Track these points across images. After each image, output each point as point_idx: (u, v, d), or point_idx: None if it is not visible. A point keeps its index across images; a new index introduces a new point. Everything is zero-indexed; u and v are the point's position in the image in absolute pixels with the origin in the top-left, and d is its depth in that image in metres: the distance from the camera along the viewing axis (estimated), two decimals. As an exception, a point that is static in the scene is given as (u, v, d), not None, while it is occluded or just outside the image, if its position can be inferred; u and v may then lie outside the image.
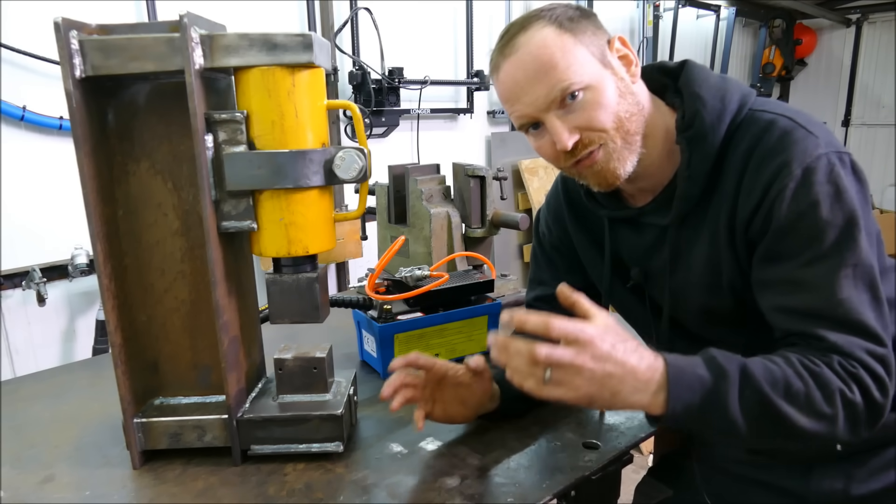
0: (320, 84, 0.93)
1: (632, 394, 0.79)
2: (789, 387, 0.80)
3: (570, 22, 0.90)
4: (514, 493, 0.91)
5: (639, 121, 0.94)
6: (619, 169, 0.94)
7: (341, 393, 1.06)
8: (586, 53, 0.90)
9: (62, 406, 1.23)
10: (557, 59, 0.88)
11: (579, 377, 0.77)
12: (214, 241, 0.92)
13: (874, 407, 0.82)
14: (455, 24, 3.91)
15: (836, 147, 0.86)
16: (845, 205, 0.84)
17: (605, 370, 0.77)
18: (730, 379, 0.80)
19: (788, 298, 0.87)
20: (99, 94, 0.92)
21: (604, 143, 0.92)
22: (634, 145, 0.94)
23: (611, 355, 0.78)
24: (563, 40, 0.89)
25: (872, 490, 0.97)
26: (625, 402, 0.80)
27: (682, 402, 0.79)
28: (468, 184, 1.72)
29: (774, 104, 0.94)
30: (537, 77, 0.90)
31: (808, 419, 0.80)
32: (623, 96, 0.92)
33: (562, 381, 0.78)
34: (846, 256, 0.84)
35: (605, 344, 0.78)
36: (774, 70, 6.51)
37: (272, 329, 1.19)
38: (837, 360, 0.82)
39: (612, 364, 0.78)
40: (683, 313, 1.04)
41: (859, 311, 0.83)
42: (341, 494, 0.92)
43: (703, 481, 1.13)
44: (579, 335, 0.78)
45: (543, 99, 0.90)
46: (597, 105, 0.90)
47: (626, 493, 1.17)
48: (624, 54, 0.94)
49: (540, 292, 1.26)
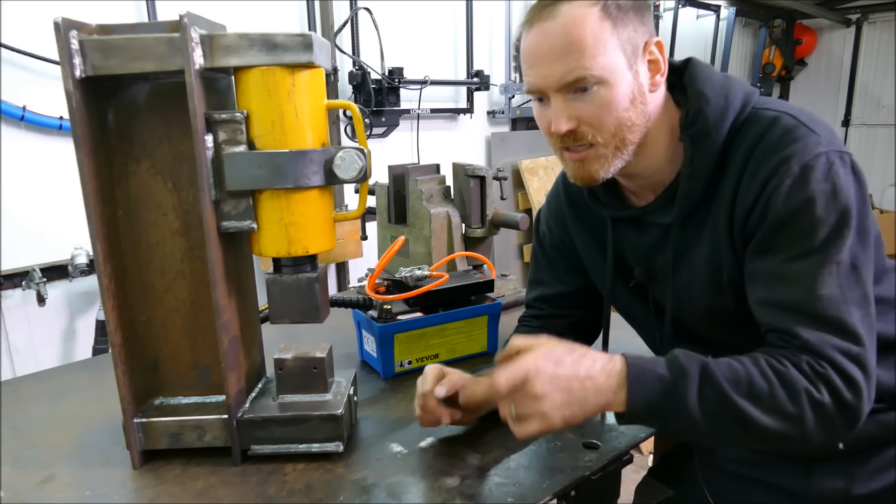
0: (320, 84, 0.93)
1: (596, 396, 0.83)
2: (752, 386, 0.81)
3: (618, 10, 0.88)
4: (514, 493, 0.91)
5: (639, 131, 0.93)
6: (600, 172, 0.95)
7: (341, 393, 1.06)
8: (617, 49, 0.88)
9: (62, 406, 1.23)
10: (588, 43, 0.87)
11: (541, 403, 0.81)
12: (214, 241, 0.92)
13: (846, 408, 0.81)
14: (455, 24, 3.91)
15: (837, 146, 0.86)
16: (840, 204, 0.84)
17: (561, 387, 0.81)
18: (689, 377, 0.83)
19: (771, 291, 0.87)
20: (99, 94, 0.92)
21: (595, 144, 0.92)
22: (625, 153, 0.94)
23: (561, 372, 0.82)
24: (602, 27, 0.87)
25: (873, 490, 0.97)
26: (596, 406, 0.84)
27: (642, 398, 0.83)
28: (468, 184, 1.72)
29: (778, 103, 0.94)
30: (561, 55, 0.88)
31: (772, 418, 0.81)
32: (633, 103, 0.91)
33: (530, 414, 0.82)
34: (833, 254, 0.84)
35: (549, 364, 0.82)
36: (774, 70, 6.51)
37: (272, 329, 1.19)
38: (806, 359, 0.82)
39: (566, 379, 0.82)
40: (687, 313, 1.03)
41: (839, 309, 0.83)
42: (341, 494, 0.92)
43: (704, 481, 1.13)
44: (517, 372, 0.82)
45: (557, 78, 0.89)
46: (604, 104, 0.89)
47: (626, 493, 1.17)
48: (655, 59, 0.93)
49: (540, 292, 1.26)
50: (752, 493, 1.07)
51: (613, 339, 1.20)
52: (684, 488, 1.18)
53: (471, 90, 4.02)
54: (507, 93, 4.14)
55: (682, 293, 1.02)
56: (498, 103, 4.26)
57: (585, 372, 0.83)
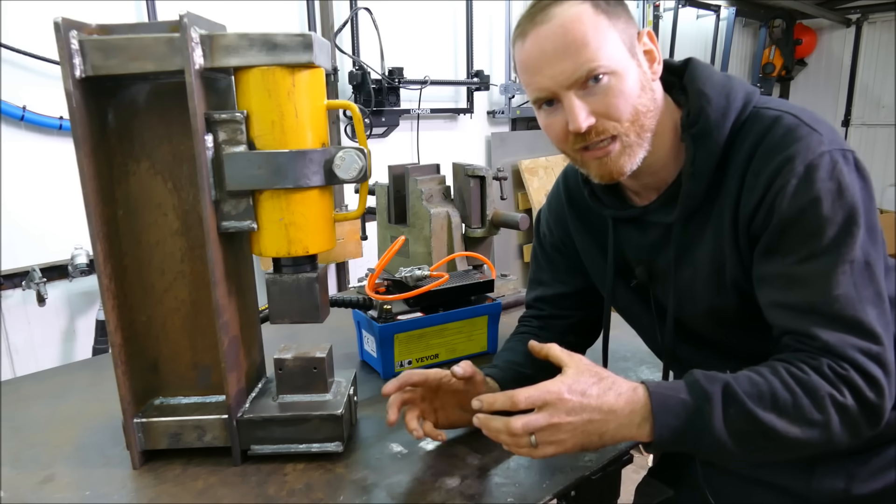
0: (320, 84, 0.93)
1: (618, 430, 0.83)
2: (776, 398, 0.81)
3: (608, 5, 0.89)
4: (514, 493, 0.91)
5: (654, 117, 0.93)
6: (627, 165, 0.93)
7: (341, 393, 1.06)
8: (617, 39, 0.89)
9: (62, 406, 1.23)
10: (590, 37, 0.87)
11: (562, 433, 0.82)
12: (214, 241, 0.92)
13: (869, 408, 0.81)
14: (455, 24, 3.91)
15: (839, 145, 0.86)
16: (846, 202, 0.83)
17: (583, 419, 0.82)
18: (713, 400, 0.82)
19: (785, 294, 0.87)
20: (99, 94, 0.92)
21: (618, 134, 0.91)
22: (645, 142, 0.93)
23: (585, 404, 0.82)
24: (599, 20, 0.88)
25: (874, 490, 0.97)
26: (614, 439, 0.84)
27: (668, 428, 0.82)
28: (468, 184, 1.72)
29: (779, 102, 0.93)
30: (567, 52, 0.87)
31: (800, 428, 0.81)
32: (644, 90, 0.91)
33: (549, 441, 0.83)
34: (844, 253, 0.83)
35: (575, 396, 0.82)
36: (774, 70, 6.51)
37: (272, 329, 1.19)
38: (827, 363, 0.82)
39: (589, 411, 0.82)
40: (689, 313, 1.03)
41: (855, 308, 0.82)
42: (341, 494, 0.92)
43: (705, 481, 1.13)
44: (546, 397, 0.82)
45: (568, 75, 0.88)
46: (618, 93, 0.88)
47: (627, 493, 1.17)
48: (649, 49, 0.93)
49: (540, 293, 1.26)
50: (752, 493, 1.07)
51: (613, 338, 1.20)
52: (684, 488, 1.17)
53: (471, 90, 4.02)
54: (507, 93, 4.15)
55: (684, 293, 1.02)
56: (498, 103, 4.26)
57: (609, 406, 0.83)
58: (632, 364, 1.36)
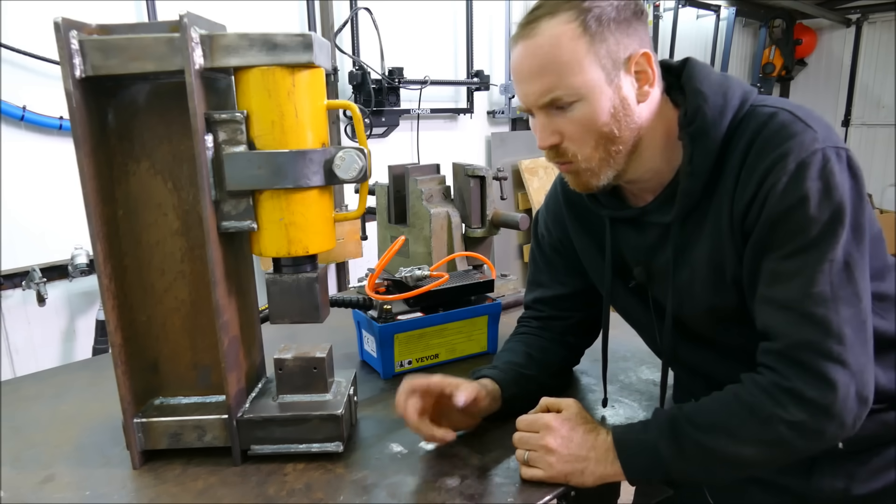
0: (320, 84, 0.93)
1: (596, 467, 0.93)
2: (726, 424, 0.88)
3: (598, 24, 0.88)
4: (514, 493, 0.91)
5: (625, 142, 0.94)
6: (594, 182, 0.97)
7: (341, 393, 1.06)
8: (594, 64, 0.89)
9: (62, 406, 1.23)
10: (562, 63, 0.88)
11: (550, 456, 0.93)
12: (214, 241, 0.92)
13: (823, 411, 0.83)
14: (455, 24, 3.92)
15: (833, 142, 0.86)
16: (834, 201, 0.84)
17: (570, 450, 0.93)
18: (665, 436, 0.90)
19: (768, 289, 0.88)
20: (99, 94, 0.92)
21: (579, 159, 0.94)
22: (613, 163, 0.95)
23: (572, 437, 0.94)
24: (578, 45, 0.88)
25: (873, 490, 0.97)
26: (593, 475, 0.93)
27: (635, 468, 0.92)
28: (468, 184, 1.72)
29: (775, 100, 0.94)
30: (539, 73, 0.91)
31: (754, 448, 0.86)
32: (615, 116, 0.91)
33: (538, 461, 0.94)
34: (825, 251, 0.84)
35: (565, 429, 0.95)
36: (774, 70, 6.51)
37: (272, 329, 1.19)
38: (772, 379, 0.86)
39: (576, 444, 0.93)
40: (688, 312, 1.03)
41: (827, 307, 0.83)
42: (341, 494, 0.92)
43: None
44: (538, 420, 0.97)
45: (535, 98, 0.93)
46: (583, 120, 0.91)
47: (627, 492, 1.17)
48: (643, 70, 0.92)
49: (539, 294, 1.26)
50: (752, 492, 1.06)
51: (613, 338, 1.20)
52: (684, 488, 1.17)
53: (471, 90, 4.02)
54: (507, 93, 4.15)
55: (682, 292, 1.02)
56: (498, 103, 4.26)
57: (590, 444, 0.94)
58: (632, 364, 1.36)
